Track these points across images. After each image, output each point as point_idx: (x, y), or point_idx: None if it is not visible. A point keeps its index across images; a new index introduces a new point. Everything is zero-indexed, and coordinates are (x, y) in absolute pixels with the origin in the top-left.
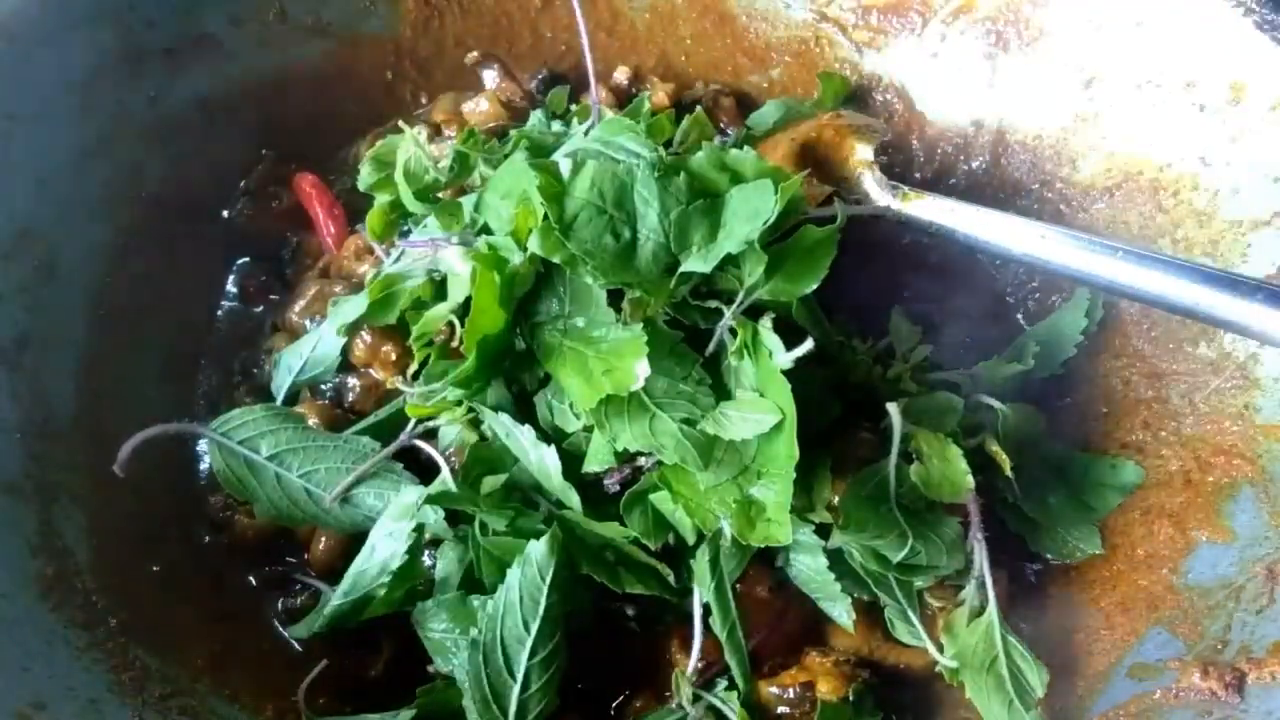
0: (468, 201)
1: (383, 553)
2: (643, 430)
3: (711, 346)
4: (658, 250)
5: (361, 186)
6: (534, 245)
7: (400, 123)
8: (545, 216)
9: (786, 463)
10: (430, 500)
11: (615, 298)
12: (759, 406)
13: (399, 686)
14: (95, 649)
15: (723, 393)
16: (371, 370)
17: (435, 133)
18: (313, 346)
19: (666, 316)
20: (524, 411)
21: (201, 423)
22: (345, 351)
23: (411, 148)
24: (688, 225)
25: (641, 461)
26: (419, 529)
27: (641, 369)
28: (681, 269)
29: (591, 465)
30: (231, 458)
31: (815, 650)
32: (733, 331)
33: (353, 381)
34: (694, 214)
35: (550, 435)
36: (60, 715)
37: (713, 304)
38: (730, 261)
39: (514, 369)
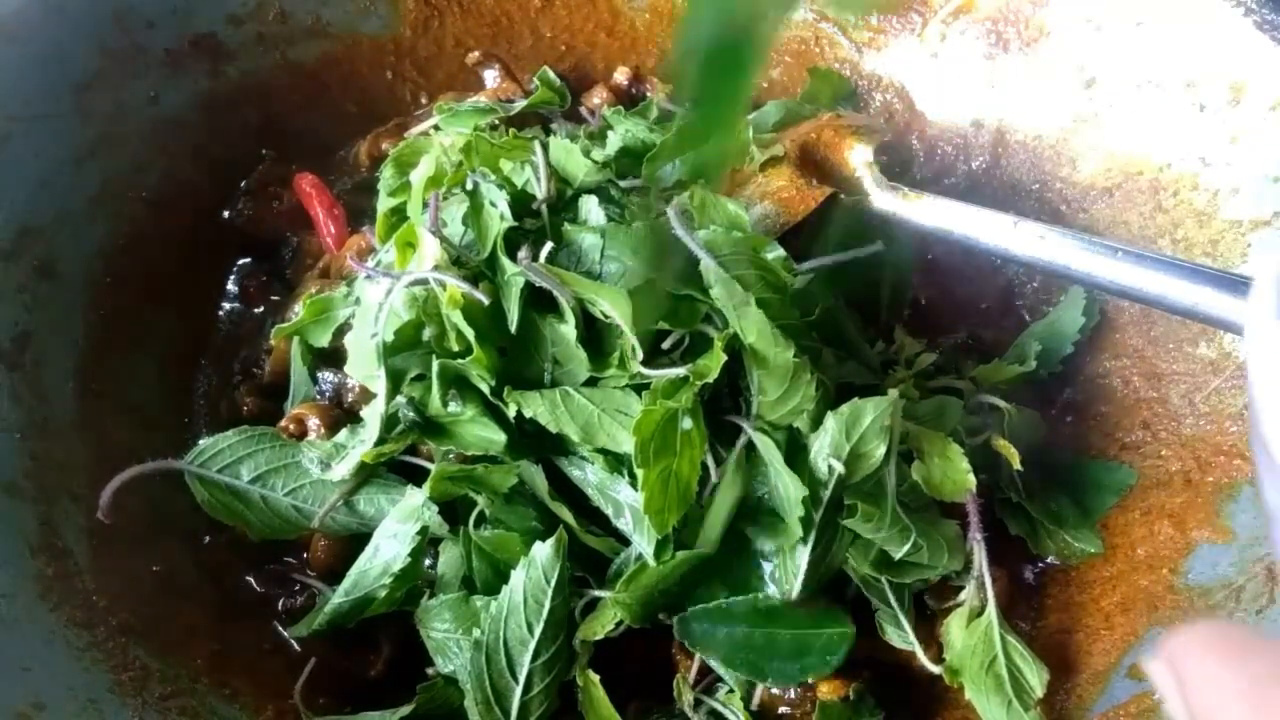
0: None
1: (386, 554)
2: None
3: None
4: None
5: (384, 191)
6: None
7: (430, 130)
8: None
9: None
10: (436, 480)
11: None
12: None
13: (399, 686)
14: (95, 649)
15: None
16: None
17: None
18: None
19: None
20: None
21: (192, 436)
22: (340, 353)
23: (435, 158)
24: None
25: None
26: (423, 531)
27: None
28: None
29: None
30: (214, 488)
31: None
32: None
33: (352, 382)
34: None
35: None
36: (60, 715)
37: None
38: None
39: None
